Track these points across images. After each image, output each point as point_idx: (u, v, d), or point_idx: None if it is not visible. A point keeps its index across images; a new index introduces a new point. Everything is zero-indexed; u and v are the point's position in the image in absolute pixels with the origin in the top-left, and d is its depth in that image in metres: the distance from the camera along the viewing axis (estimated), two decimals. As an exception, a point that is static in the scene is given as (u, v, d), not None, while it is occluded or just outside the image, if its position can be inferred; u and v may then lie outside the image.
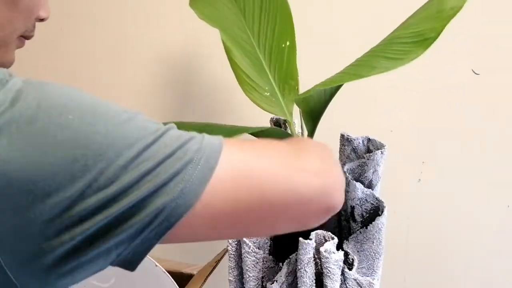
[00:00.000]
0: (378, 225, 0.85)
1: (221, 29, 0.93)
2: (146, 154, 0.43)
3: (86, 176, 0.42)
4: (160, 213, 0.43)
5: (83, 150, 0.42)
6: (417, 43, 0.75)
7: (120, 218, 0.43)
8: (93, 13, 1.34)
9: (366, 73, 0.77)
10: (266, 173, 0.49)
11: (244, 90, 0.93)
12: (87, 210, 0.42)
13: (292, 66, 0.95)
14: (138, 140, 0.44)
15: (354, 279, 0.83)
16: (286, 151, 0.54)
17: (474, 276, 1.25)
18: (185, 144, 0.46)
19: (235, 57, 0.93)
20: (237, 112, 1.28)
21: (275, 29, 0.96)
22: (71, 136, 0.42)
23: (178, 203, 0.44)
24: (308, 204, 0.52)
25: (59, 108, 0.43)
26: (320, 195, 0.52)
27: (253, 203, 0.48)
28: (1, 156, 0.41)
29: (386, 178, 0.93)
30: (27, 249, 0.42)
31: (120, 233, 0.43)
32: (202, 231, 0.48)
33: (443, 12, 0.76)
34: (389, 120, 1.23)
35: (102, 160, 0.42)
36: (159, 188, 0.43)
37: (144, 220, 0.43)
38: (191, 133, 0.48)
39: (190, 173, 0.44)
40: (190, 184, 0.44)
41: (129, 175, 0.42)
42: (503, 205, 1.21)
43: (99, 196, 0.42)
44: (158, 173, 0.43)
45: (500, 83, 1.16)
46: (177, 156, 0.44)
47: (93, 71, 1.37)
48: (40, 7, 0.57)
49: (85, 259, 0.43)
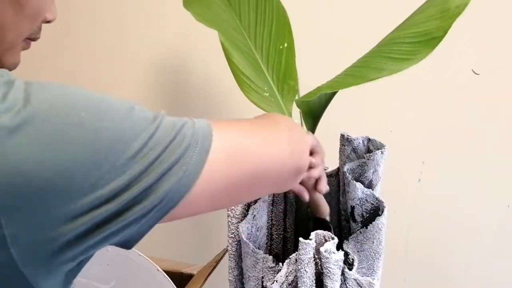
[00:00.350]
0: (378, 225, 0.85)
1: (218, 30, 0.93)
2: (151, 144, 0.47)
3: (98, 170, 0.44)
4: (167, 195, 0.48)
5: (95, 145, 0.45)
6: (423, 43, 0.75)
7: (129, 204, 0.46)
8: (93, 13, 1.34)
9: (374, 75, 0.76)
10: (251, 147, 0.58)
11: (243, 91, 0.93)
12: (99, 200, 0.45)
13: (290, 66, 0.95)
14: (142, 132, 0.47)
15: (354, 279, 0.83)
16: (264, 126, 0.64)
17: (474, 276, 1.25)
18: (181, 129, 0.50)
19: (233, 58, 0.92)
20: (236, 112, 1.28)
21: (272, 31, 0.96)
22: (83, 134, 0.44)
23: (181, 184, 0.49)
24: (283, 167, 0.63)
25: (69, 107, 0.45)
26: (291, 158, 0.64)
27: (244, 175, 0.56)
28: (19, 156, 0.42)
29: (386, 178, 0.93)
30: (39, 240, 0.43)
31: (128, 217, 0.46)
32: (200, 206, 0.53)
33: (449, 11, 0.75)
34: (389, 120, 1.23)
35: (112, 153, 0.45)
36: (165, 173, 0.47)
37: (152, 203, 0.47)
38: (182, 118, 0.52)
39: (189, 156, 0.49)
40: (191, 166, 0.49)
41: (138, 164, 0.46)
42: (503, 205, 1.21)
43: (111, 186, 0.45)
44: (163, 160, 0.47)
45: (500, 83, 1.16)
46: (177, 142, 0.49)
47: (92, 71, 1.37)
48: (47, 10, 0.57)
49: (92, 242, 0.46)
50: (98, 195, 0.44)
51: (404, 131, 1.22)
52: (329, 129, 0.90)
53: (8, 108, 0.42)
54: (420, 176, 1.24)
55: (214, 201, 0.55)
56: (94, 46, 1.35)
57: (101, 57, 1.36)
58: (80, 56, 1.36)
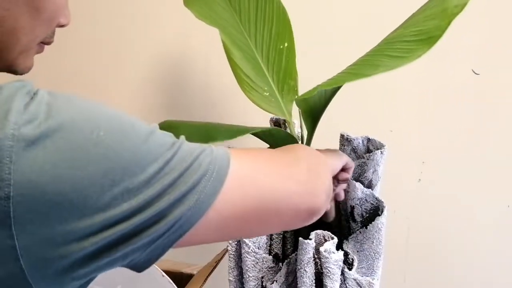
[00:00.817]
0: (378, 225, 0.85)
1: (219, 29, 0.93)
2: (167, 169, 0.47)
3: (113, 190, 0.44)
4: (177, 222, 0.48)
5: (112, 165, 0.45)
6: (421, 41, 0.75)
7: (140, 228, 0.46)
8: (93, 12, 1.34)
9: (370, 72, 0.77)
10: (266, 182, 0.57)
11: (243, 90, 0.93)
12: (111, 220, 0.44)
13: (291, 66, 0.95)
14: (159, 157, 0.47)
15: (354, 279, 0.83)
16: (281, 161, 0.62)
17: (474, 276, 1.25)
18: (198, 156, 0.50)
19: (234, 57, 0.92)
20: (237, 112, 1.28)
21: (272, 31, 0.96)
22: (102, 153, 0.44)
23: (192, 212, 0.48)
24: (295, 208, 0.60)
25: (90, 124, 0.45)
26: (304, 201, 0.61)
27: (255, 209, 0.55)
28: (36, 168, 0.42)
29: (386, 178, 0.93)
30: (49, 255, 0.43)
31: (138, 241, 0.46)
32: (210, 235, 0.53)
33: (448, 10, 0.75)
34: (389, 120, 1.23)
35: (129, 175, 0.45)
36: (178, 200, 0.47)
37: (162, 228, 0.47)
38: (202, 146, 0.52)
39: (204, 184, 0.49)
40: (204, 195, 0.49)
41: (151, 188, 0.46)
42: (503, 205, 1.21)
43: (123, 208, 0.45)
44: (177, 186, 0.47)
45: (500, 83, 1.16)
46: (193, 169, 0.49)
47: (92, 71, 1.37)
48: (62, 14, 0.58)
49: (102, 263, 0.46)
50: (110, 215, 0.44)
51: (404, 131, 1.22)
52: (329, 129, 0.90)
53: (28, 120, 0.42)
54: (420, 176, 1.24)
55: (224, 232, 0.54)
56: (94, 45, 1.35)
57: (101, 57, 1.36)
58: (80, 56, 1.36)
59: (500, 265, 1.23)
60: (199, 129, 0.93)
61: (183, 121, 1.01)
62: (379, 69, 0.76)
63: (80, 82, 1.35)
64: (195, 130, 0.93)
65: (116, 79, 1.36)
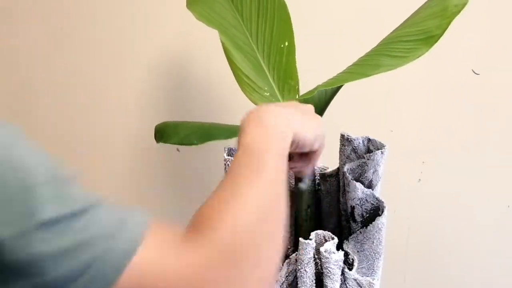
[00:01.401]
0: (378, 225, 0.85)
1: (219, 30, 0.93)
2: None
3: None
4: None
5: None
6: (421, 41, 0.75)
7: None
8: (93, 13, 1.33)
9: (371, 72, 0.77)
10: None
11: (243, 91, 0.93)
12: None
13: (291, 66, 0.95)
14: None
15: (354, 279, 0.83)
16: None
17: (474, 276, 1.25)
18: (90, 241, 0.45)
19: (234, 58, 0.92)
20: (237, 112, 1.28)
21: (273, 30, 0.96)
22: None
23: None
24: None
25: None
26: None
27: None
28: None
29: (386, 178, 0.93)
30: None
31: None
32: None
33: (448, 10, 0.75)
34: (389, 120, 1.23)
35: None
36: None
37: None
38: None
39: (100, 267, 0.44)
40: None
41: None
42: (503, 205, 1.21)
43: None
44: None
45: (500, 83, 1.16)
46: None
47: (92, 71, 1.36)
48: None
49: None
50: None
51: (404, 131, 1.22)
52: (329, 129, 0.90)
53: None
54: (420, 176, 1.24)
55: None
56: (94, 46, 1.35)
57: (101, 57, 1.36)
58: (80, 56, 1.36)
59: (500, 265, 1.23)
60: (199, 129, 0.93)
61: (183, 121, 1.01)
62: (379, 69, 0.76)
63: (80, 82, 1.35)
64: (195, 130, 0.93)
65: (116, 79, 1.36)
